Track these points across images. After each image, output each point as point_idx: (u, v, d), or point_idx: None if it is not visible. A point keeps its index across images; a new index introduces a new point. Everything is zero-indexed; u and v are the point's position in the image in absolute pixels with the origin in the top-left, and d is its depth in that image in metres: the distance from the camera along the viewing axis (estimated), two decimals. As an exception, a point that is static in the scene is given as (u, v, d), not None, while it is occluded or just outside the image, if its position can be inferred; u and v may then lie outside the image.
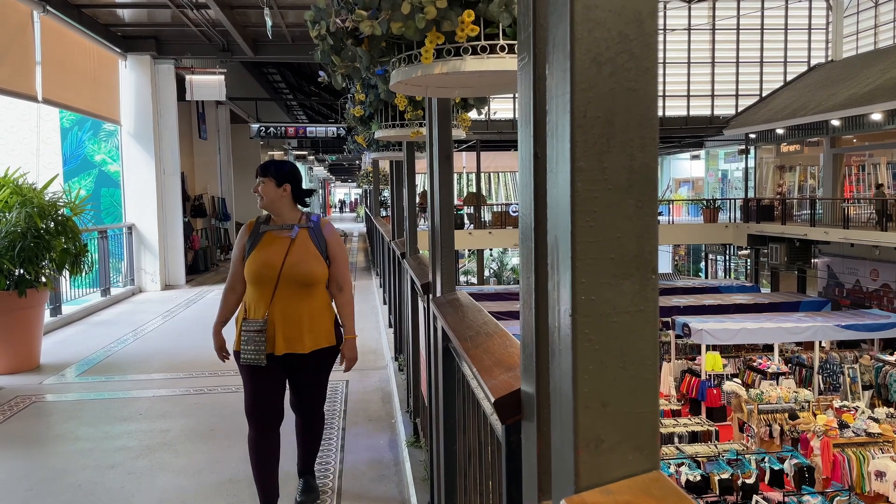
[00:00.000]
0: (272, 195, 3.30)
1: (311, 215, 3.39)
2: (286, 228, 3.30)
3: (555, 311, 0.89)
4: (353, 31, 1.85)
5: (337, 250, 3.37)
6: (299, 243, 3.27)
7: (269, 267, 3.21)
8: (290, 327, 3.24)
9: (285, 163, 3.42)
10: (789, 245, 19.40)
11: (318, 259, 3.29)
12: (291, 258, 3.22)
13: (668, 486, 0.83)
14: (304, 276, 3.24)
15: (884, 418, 9.58)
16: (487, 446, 1.73)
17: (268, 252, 3.24)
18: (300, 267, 3.23)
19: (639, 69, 0.82)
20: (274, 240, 3.28)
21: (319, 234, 3.33)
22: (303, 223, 3.34)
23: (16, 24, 8.37)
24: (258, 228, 3.34)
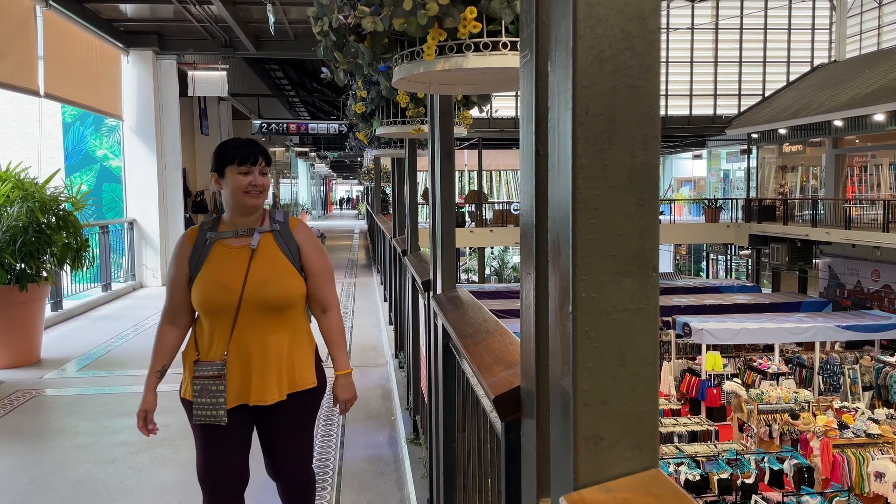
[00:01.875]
0: (268, 185, 2.52)
1: (275, 213, 2.56)
2: (243, 235, 2.46)
3: (555, 308, 0.89)
4: (356, 28, 1.85)
5: (315, 258, 2.53)
6: (264, 254, 2.44)
7: (225, 290, 2.39)
8: (258, 370, 2.44)
9: None
10: (791, 245, 19.39)
11: (291, 273, 2.46)
12: (255, 275, 2.40)
13: (667, 485, 0.83)
14: (275, 299, 2.42)
15: (884, 419, 9.58)
16: (487, 444, 1.73)
17: (222, 269, 2.42)
18: (268, 286, 2.41)
19: (641, 66, 0.81)
20: (228, 252, 2.44)
21: (289, 238, 2.50)
22: (265, 226, 2.49)
23: (18, 19, 8.36)
24: (203, 238, 2.48)
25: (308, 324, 2.61)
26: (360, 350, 7.28)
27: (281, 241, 2.49)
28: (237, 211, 2.45)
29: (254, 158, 2.40)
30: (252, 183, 2.40)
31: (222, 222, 2.51)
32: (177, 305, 2.53)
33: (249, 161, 2.40)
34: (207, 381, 2.42)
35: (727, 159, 28.33)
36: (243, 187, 2.40)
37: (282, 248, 2.48)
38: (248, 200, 2.41)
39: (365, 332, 8.19)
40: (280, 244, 2.49)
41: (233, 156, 2.40)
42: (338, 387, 2.66)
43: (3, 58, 7.95)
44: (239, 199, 2.41)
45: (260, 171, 2.43)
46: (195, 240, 2.51)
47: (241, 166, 2.39)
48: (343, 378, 2.65)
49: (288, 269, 2.47)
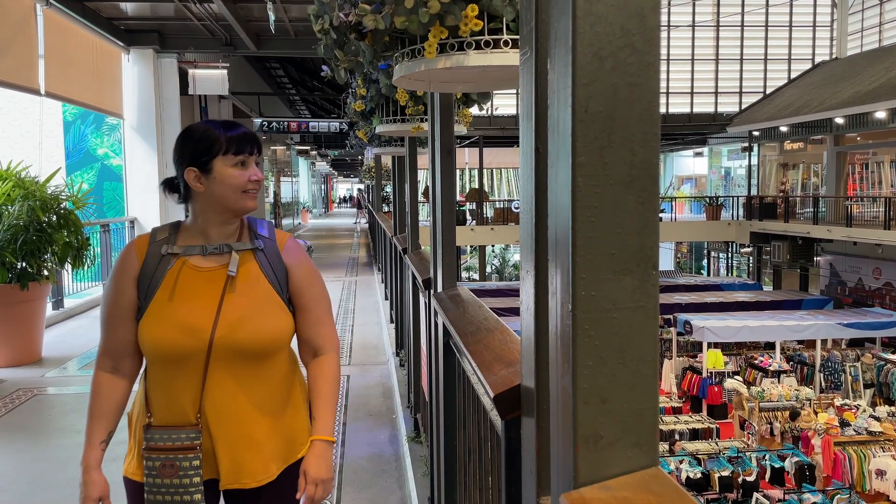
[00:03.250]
0: None
1: (255, 223, 1.91)
2: (214, 252, 1.81)
3: (555, 306, 0.89)
4: (357, 26, 1.85)
5: (309, 286, 1.91)
6: (243, 281, 1.81)
7: (188, 332, 1.74)
8: (237, 441, 1.79)
9: None
10: (792, 243, 19.37)
11: (277, 307, 1.83)
12: (231, 311, 1.77)
13: (667, 483, 0.83)
14: (256, 344, 1.78)
15: (885, 417, 9.58)
16: (487, 442, 1.73)
17: (185, 301, 1.77)
18: (247, 327, 1.77)
19: (641, 64, 0.81)
20: (194, 276, 1.80)
21: (276, 259, 1.87)
22: (244, 241, 1.85)
23: (19, 18, 8.37)
24: (157, 252, 1.82)
25: (301, 372, 1.98)
26: (360, 348, 7.28)
27: (265, 263, 1.83)
28: (221, 217, 1.80)
29: (251, 146, 1.81)
30: (253, 178, 1.79)
31: (184, 231, 1.84)
32: (120, 345, 1.81)
33: (247, 150, 1.79)
34: (171, 455, 1.75)
35: (728, 157, 28.30)
36: (243, 185, 1.78)
37: (266, 274, 1.83)
38: (247, 202, 1.80)
39: (366, 330, 8.19)
40: (264, 268, 1.83)
41: (226, 143, 1.77)
42: (312, 458, 1.83)
43: (4, 56, 7.95)
44: (236, 201, 1.78)
45: (257, 162, 1.85)
46: (145, 256, 1.81)
47: (238, 156, 1.78)
48: (322, 447, 1.85)
49: (274, 301, 1.81)
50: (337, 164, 48.42)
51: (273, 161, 26.96)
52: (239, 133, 1.81)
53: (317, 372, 1.93)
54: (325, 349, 1.95)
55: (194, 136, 1.81)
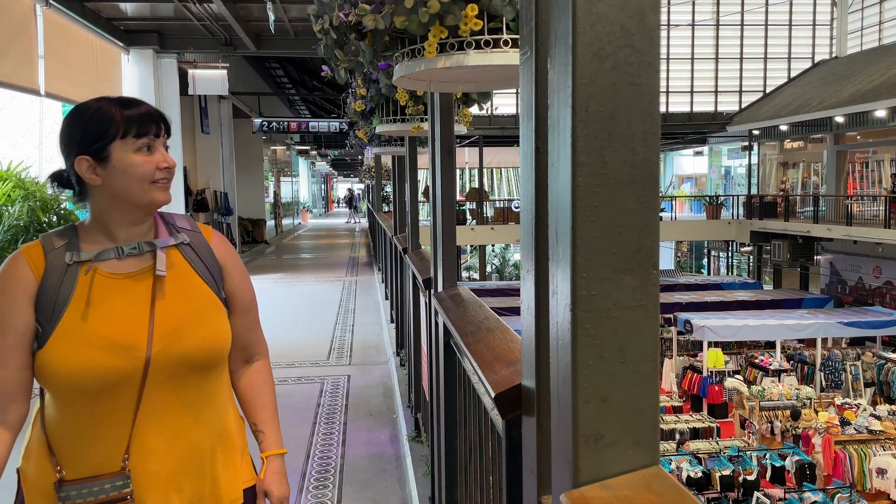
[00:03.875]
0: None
1: (172, 217, 1.63)
2: (132, 254, 1.51)
3: (555, 305, 0.89)
4: (357, 26, 1.85)
5: (246, 285, 1.68)
6: (175, 283, 1.53)
7: (119, 351, 1.43)
8: (182, 477, 1.51)
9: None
10: (792, 242, 19.37)
11: (217, 309, 1.57)
12: (166, 319, 1.48)
13: (667, 482, 0.83)
14: (203, 354, 1.52)
15: (885, 416, 9.58)
16: (488, 441, 1.73)
17: (107, 315, 1.45)
18: (189, 334, 1.50)
19: (641, 63, 0.81)
20: (111, 285, 1.48)
21: (207, 253, 1.60)
22: (165, 237, 1.56)
23: (18, 18, 8.37)
24: (59, 264, 1.47)
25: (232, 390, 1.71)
26: (361, 348, 7.29)
27: (196, 259, 1.57)
28: (128, 216, 1.48)
29: (157, 125, 1.48)
30: (163, 165, 1.47)
31: (85, 235, 1.49)
32: (10, 385, 1.44)
33: (152, 130, 1.47)
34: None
35: (728, 156, 28.30)
36: (150, 174, 1.45)
37: (199, 272, 1.56)
38: (158, 195, 1.47)
39: (366, 330, 8.20)
40: (195, 265, 1.56)
41: (124, 124, 1.44)
42: (272, 476, 1.67)
43: (4, 57, 7.95)
44: (142, 194, 1.46)
45: (165, 145, 1.52)
46: (45, 266, 1.45)
47: (141, 139, 1.45)
48: (279, 463, 1.70)
49: (212, 303, 1.55)
50: (337, 164, 48.43)
51: (273, 161, 26.98)
52: (141, 111, 1.48)
53: (256, 380, 1.72)
54: (261, 354, 1.76)
55: (84, 116, 1.46)
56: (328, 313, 9.35)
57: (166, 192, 1.51)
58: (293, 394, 5.73)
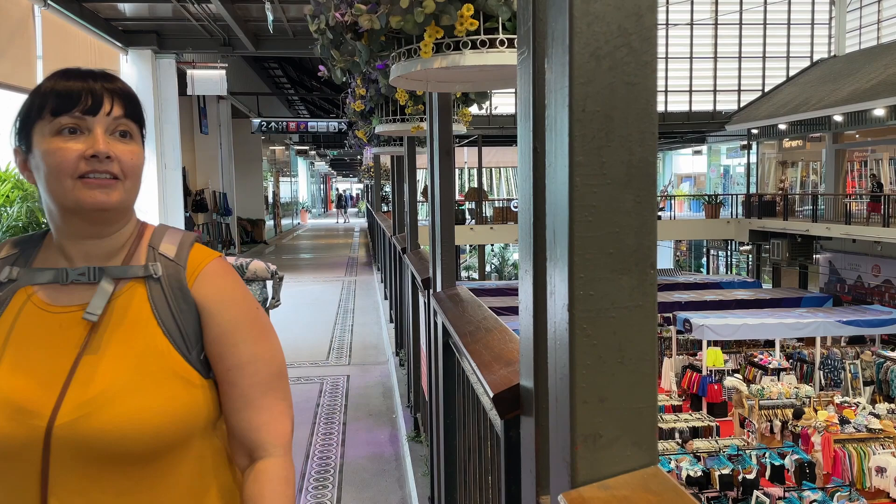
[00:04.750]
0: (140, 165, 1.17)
1: (165, 232, 1.21)
2: (79, 280, 1.13)
3: (553, 306, 0.89)
4: (353, 26, 1.84)
5: (240, 339, 1.18)
6: (119, 332, 1.11)
7: (16, 415, 1.04)
8: None
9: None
10: (791, 241, 19.38)
11: (174, 376, 1.11)
12: (89, 381, 1.07)
13: (665, 482, 0.83)
14: (126, 438, 1.05)
15: (885, 414, 9.59)
16: (487, 441, 1.73)
17: (22, 362, 1.08)
18: (114, 408, 1.05)
19: (638, 63, 0.81)
20: (42, 322, 1.11)
21: (180, 293, 1.15)
22: (133, 263, 1.16)
23: (17, 19, 8.36)
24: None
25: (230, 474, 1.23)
26: (360, 348, 7.28)
27: (161, 300, 1.13)
28: (69, 226, 1.12)
29: (92, 99, 1.08)
30: (89, 153, 1.06)
31: (45, 249, 1.16)
32: None
33: (79, 105, 1.08)
34: None
35: (727, 155, 28.30)
36: (68, 165, 1.06)
37: (160, 318, 1.12)
38: (85, 196, 1.07)
39: (366, 330, 8.19)
40: (158, 307, 1.12)
41: (40, 98, 1.10)
42: None
43: (2, 57, 7.95)
44: (63, 195, 1.07)
45: (115, 128, 1.10)
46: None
47: (58, 117, 1.08)
48: None
49: (166, 365, 1.10)
50: (336, 164, 48.43)
51: (272, 161, 26.97)
52: (69, 81, 1.11)
53: (255, 491, 1.16)
54: (268, 449, 1.19)
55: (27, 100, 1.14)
56: (327, 313, 9.34)
57: (104, 191, 1.07)
58: (293, 394, 5.72)
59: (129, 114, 1.13)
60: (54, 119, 1.08)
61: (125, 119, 1.12)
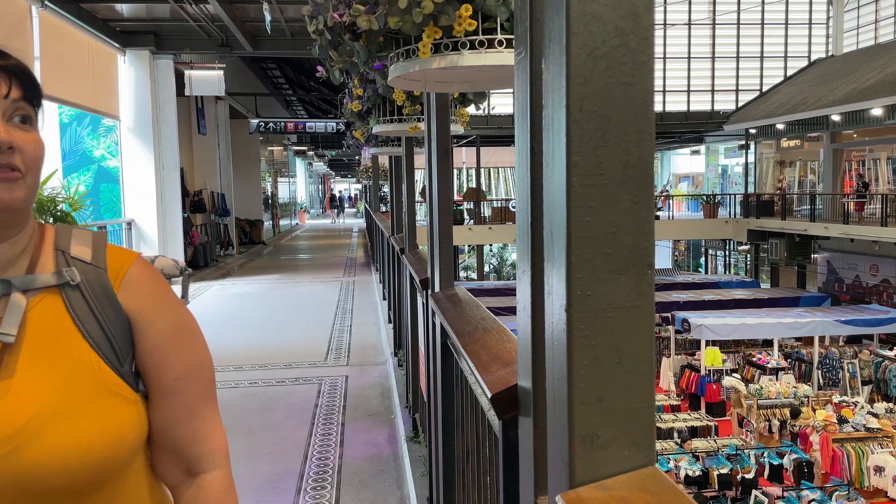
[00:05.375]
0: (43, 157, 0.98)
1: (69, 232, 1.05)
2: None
3: (550, 306, 0.89)
4: (351, 26, 1.84)
5: (175, 346, 1.06)
6: (38, 351, 0.96)
7: None
8: None
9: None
10: (789, 240, 19.40)
11: (108, 393, 0.98)
12: (11, 411, 0.91)
13: (663, 482, 0.83)
14: (68, 471, 0.92)
15: (883, 413, 9.60)
16: (485, 441, 1.73)
17: None
18: (47, 439, 0.91)
19: (635, 64, 0.81)
20: None
21: (106, 300, 1.00)
22: (42, 271, 0.99)
23: (14, 20, 8.35)
24: None
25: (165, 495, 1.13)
26: (359, 348, 7.28)
27: (84, 310, 1.00)
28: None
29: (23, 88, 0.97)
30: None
31: None
32: None
33: None
34: None
35: (725, 155, 28.32)
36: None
37: (85, 330, 0.99)
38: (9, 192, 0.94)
39: (364, 330, 8.19)
40: (80, 318, 0.99)
41: None
42: None
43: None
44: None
45: (13, 112, 0.96)
46: None
47: None
48: None
49: (99, 383, 0.98)
50: (334, 165, 48.43)
51: (270, 161, 26.96)
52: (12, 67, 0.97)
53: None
54: (211, 461, 1.10)
55: None
56: (326, 314, 9.34)
57: (6, 188, 0.92)
58: (291, 395, 5.73)
59: (27, 96, 0.96)
60: None
61: (23, 102, 0.95)
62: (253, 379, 6.28)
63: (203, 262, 15.17)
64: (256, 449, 4.39)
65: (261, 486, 3.91)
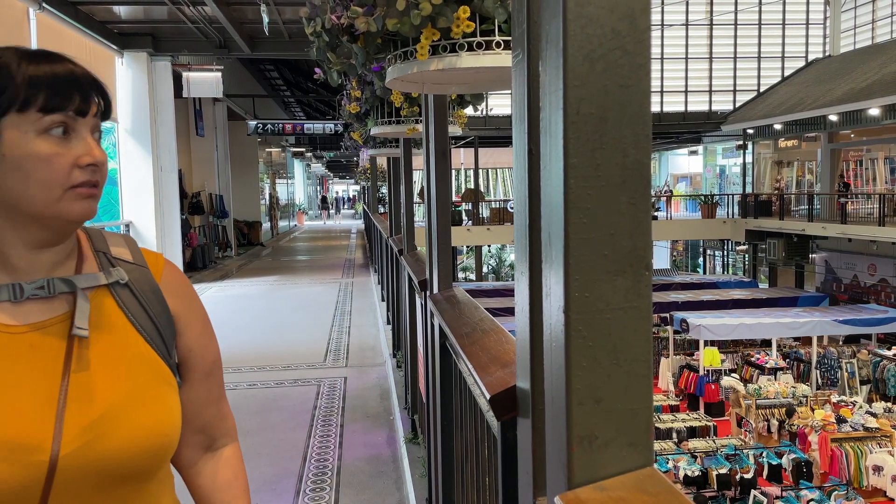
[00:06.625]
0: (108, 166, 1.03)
1: (100, 236, 1.11)
2: (38, 295, 0.98)
3: (548, 307, 0.89)
4: (349, 28, 1.84)
5: (208, 340, 1.17)
6: (103, 345, 1.00)
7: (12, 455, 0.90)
8: None
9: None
10: (787, 240, 19.43)
11: (165, 383, 1.05)
12: (87, 402, 0.96)
13: (661, 483, 0.83)
14: (142, 455, 0.99)
15: (881, 413, 9.61)
16: (484, 442, 1.74)
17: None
18: (124, 425, 0.97)
19: (632, 66, 0.81)
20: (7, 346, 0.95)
21: (154, 297, 1.08)
22: (91, 271, 1.04)
23: (11, 22, 8.34)
24: None
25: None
26: (357, 350, 7.28)
27: (136, 306, 1.06)
28: (27, 235, 0.97)
29: (83, 97, 0.96)
30: (85, 161, 0.96)
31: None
32: None
33: (73, 104, 0.94)
34: None
35: (723, 155, 28.36)
36: (62, 174, 0.94)
37: (139, 325, 1.05)
38: (75, 208, 0.96)
39: (363, 331, 8.19)
40: (133, 315, 1.05)
41: (26, 88, 0.92)
42: None
43: None
44: (50, 205, 0.95)
45: (94, 128, 0.99)
46: None
47: (50, 115, 0.93)
48: None
49: (158, 373, 1.05)
50: (332, 166, 48.40)
51: (268, 163, 26.96)
52: (57, 69, 0.94)
53: (226, 476, 1.19)
54: (228, 436, 1.23)
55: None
56: (324, 315, 9.34)
57: (91, 202, 0.97)
58: (290, 396, 5.72)
59: (106, 113, 1.01)
60: (44, 116, 0.92)
61: (100, 119, 1.00)
62: (252, 380, 6.28)
63: (201, 264, 15.16)
64: (255, 450, 4.39)
65: (259, 487, 3.91)
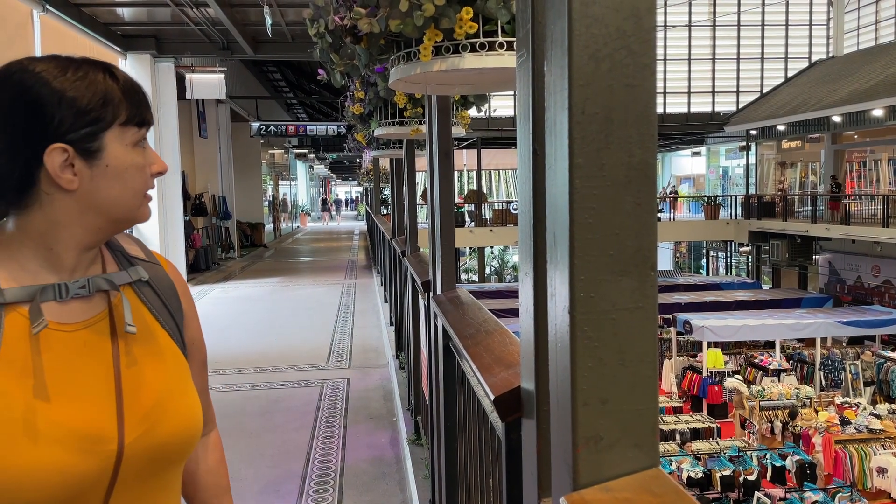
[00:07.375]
0: None
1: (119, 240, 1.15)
2: (80, 295, 1.01)
3: (553, 308, 0.89)
4: (352, 29, 1.84)
5: (198, 326, 1.26)
6: (140, 340, 1.07)
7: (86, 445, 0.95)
8: None
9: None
10: (790, 241, 19.39)
11: (187, 372, 1.14)
12: (140, 393, 1.03)
13: (667, 483, 0.83)
14: (187, 439, 1.08)
15: (885, 414, 9.58)
16: (488, 444, 1.73)
17: (61, 391, 0.97)
18: (172, 413, 1.06)
19: (637, 65, 0.81)
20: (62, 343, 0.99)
21: (171, 294, 1.16)
22: (115, 271, 1.08)
23: (15, 24, 8.37)
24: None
25: None
26: (361, 351, 7.28)
27: (157, 302, 1.12)
28: (92, 237, 1.02)
29: (149, 109, 1.07)
30: (157, 170, 1.07)
31: (5, 262, 0.99)
32: None
33: (152, 117, 1.07)
34: None
35: (726, 156, 28.32)
36: (147, 181, 1.06)
37: (162, 320, 1.12)
38: (147, 212, 1.07)
39: (366, 333, 8.19)
40: (156, 310, 1.12)
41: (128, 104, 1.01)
42: None
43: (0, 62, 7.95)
44: (133, 208, 1.04)
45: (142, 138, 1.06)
46: None
47: (142, 128, 1.04)
48: None
49: (183, 365, 1.13)
50: (335, 168, 48.44)
51: (271, 164, 26.99)
52: (138, 87, 1.05)
53: (215, 459, 1.30)
54: (213, 423, 1.33)
55: (57, 84, 0.97)
56: (327, 316, 9.34)
57: (147, 209, 1.07)
58: (293, 398, 5.72)
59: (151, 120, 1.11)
60: (139, 130, 1.03)
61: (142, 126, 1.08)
62: (254, 382, 6.28)
63: (204, 266, 15.18)
64: (258, 452, 4.39)
65: (263, 489, 3.91)
